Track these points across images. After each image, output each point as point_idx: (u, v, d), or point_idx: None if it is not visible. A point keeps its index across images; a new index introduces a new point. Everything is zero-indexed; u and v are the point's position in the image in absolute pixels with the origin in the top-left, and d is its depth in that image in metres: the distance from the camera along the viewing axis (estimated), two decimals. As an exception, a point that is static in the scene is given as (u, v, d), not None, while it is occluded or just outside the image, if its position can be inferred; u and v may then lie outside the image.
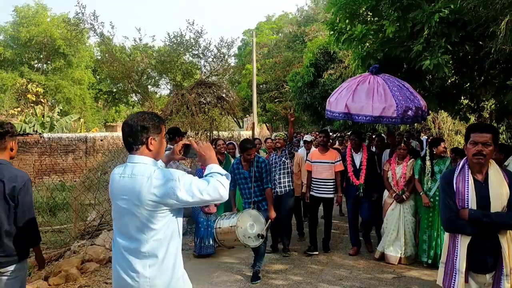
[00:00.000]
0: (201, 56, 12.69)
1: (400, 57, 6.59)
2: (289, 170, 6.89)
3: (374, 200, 6.76)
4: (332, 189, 6.84)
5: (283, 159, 6.89)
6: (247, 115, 26.33)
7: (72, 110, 28.07)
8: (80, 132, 22.24)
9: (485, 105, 8.19)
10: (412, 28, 6.28)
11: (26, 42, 28.61)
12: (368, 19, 7.14)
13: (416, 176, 6.20)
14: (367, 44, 7.14)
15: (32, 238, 3.28)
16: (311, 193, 6.98)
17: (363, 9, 6.97)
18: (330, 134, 17.69)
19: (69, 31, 17.18)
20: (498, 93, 7.14)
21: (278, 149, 7.12)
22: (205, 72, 12.36)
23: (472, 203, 2.87)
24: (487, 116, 8.34)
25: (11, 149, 3.26)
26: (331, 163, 6.83)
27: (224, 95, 9.62)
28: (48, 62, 31.18)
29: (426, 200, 6.00)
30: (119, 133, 18.57)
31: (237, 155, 7.73)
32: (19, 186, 3.09)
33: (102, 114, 34.23)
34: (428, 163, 6.11)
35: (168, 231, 2.28)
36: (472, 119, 8.41)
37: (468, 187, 2.90)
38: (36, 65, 31.35)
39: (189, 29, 12.78)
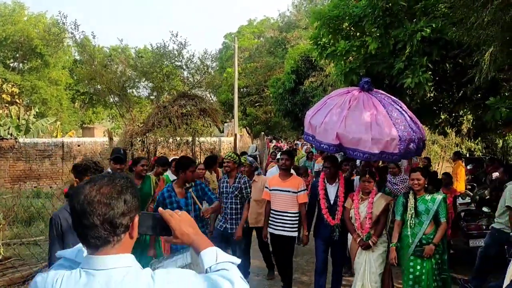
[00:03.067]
0: (184, 68, 12.61)
1: (382, 73, 6.69)
2: (243, 202, 5.65)
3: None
4: (294, 226, 5.42)
5: (239, 187, 5.58)
6: (228, 120, 26.26)
7: (48, 111, 27.47)
8: (57, 135, 21.76)
9: (463, 120, 8.37)
10: (394, 46, 6.37)
11: (1, 41, 27.84)
12: (351, 34, 7.22)
13: (398, 218, 4.79)
14: (350, 58, 7.22)
15: None
16: (269, 229, 5.54)
17: (346, 24, 7.04)
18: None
19: (49, 41, 16.97)
20: (476, 109, 7.31)
21: (229, 174, 5.71)
22: (188, 84, 12.30)
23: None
24: (465, 133, 8.53)
25: None
26: (293, 192, 5.40)
27: (207, 108, 9.53)
28: (24, 61, 30.45)
29: (393, 254, 4.65)
30: (96, 139, 18.27)
31: None
32: None
33: (79, 116, 33.59)
34: (411, 199, 4.73)
35: None
36: (451, 133, 8.59)
37: None
38: (12, 65, 30.58)
39: (173, 40, 12.72)
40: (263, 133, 27.35)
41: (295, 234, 5.48)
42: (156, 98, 13.62)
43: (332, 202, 5.23)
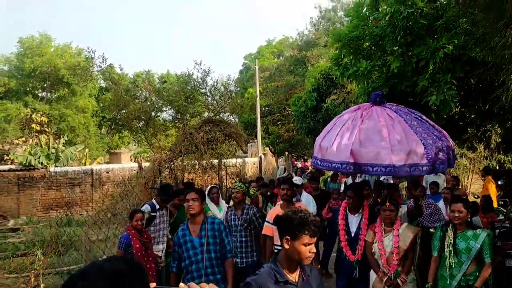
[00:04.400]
0: (208, 95, 12.93)
1: (406, 91, 6.67)
2: (254, 235, 5.34)
3: None
4: None
5: (248, 219, 5.26)
6: (251, 140, 26.37)
7: (76, 138, 28.17)
8: (85, 162, 22.28)
9: (491, 134, 8.22)
10: (417, 63, 6.37)
11: (30, 72, 28.84)
12: (372, 53, 7.24)
13: (435, 254, 4.07)
14: (373, 78, 7.22)
15: None
16: None
17: (367, 44, 7.07)
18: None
19: (79, 75, 17.65)
20: (504, 123, 7.20)
21: (237, 205, 5.45)
22: (212, 110, 12.59)
23: None
24: (494, 146, 8.37)
25: None
26: None
27: (231, 132, 9.75)
28: (52, 91, 31.40)
29: None
30: (124, 164, 18.67)
31: (222, 202, 6.50)
32: None
33: (106, 141, 34.33)
34: (450, 234, 3.97)
35: None
36: (480, 148, 8.44)
37: None
38: (40, 95, 31.58)
39: (197, 69, 13.10)
40: (287, 152, 27.31)
41: None
42: (179, 122, 13.92)
43: (353, 234, 4.63)
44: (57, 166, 18.04)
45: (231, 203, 6.98)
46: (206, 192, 6.58)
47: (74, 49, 31.10)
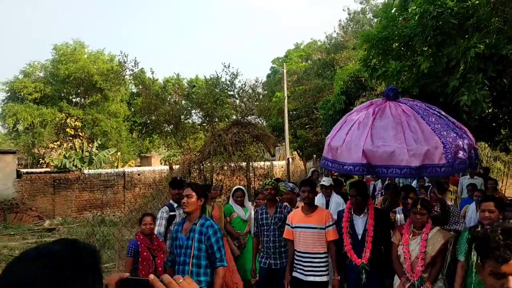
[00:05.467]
0: (237, 97, 13.14)
1: (436, 92, 6.60)
2: None
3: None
4: (324, 268, 4.50)
5: (283, 218, 4.99)
6: (279, 144, 26.42)
7: (108, 143, 28.87)
8: (117, 165, 22.84)
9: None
10: (447, 63, 6.29)
11: (65, 78, 29.70)
12: (402, 53, 7.19)
13: (461, 259, 3.61)
14: (402, 78, 7.17)
15: None
16: (294, 274, 4.59)
17: (396, 45, 7.04)
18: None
19: (112, 79, 18.28)
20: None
21: (269, 202, 5.22)
22: (240, 112, 12.78)
23: None
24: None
25: None
26: (321, 228, 4.47)
27: (259, 134, 9.91)
28: (86, 96, 32.27)
29: None
30: (155, 167, 19.09)
31: (248, 204, 6.55)
32: None
33: (137, 145, 35.02)
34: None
35: None
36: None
37: None
38: (74, 100, 32.49)
39: (225, 71, 13.33)
40: (315, 155, 27.20)
41: (327, 278, 4.52)
42: (208, 125, 14.14)
43: (359, 237, 4.28)
44: (90, 169, 18.60)
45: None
46: (231, 194, 6.69)
47: (106, 55, 31.95)
